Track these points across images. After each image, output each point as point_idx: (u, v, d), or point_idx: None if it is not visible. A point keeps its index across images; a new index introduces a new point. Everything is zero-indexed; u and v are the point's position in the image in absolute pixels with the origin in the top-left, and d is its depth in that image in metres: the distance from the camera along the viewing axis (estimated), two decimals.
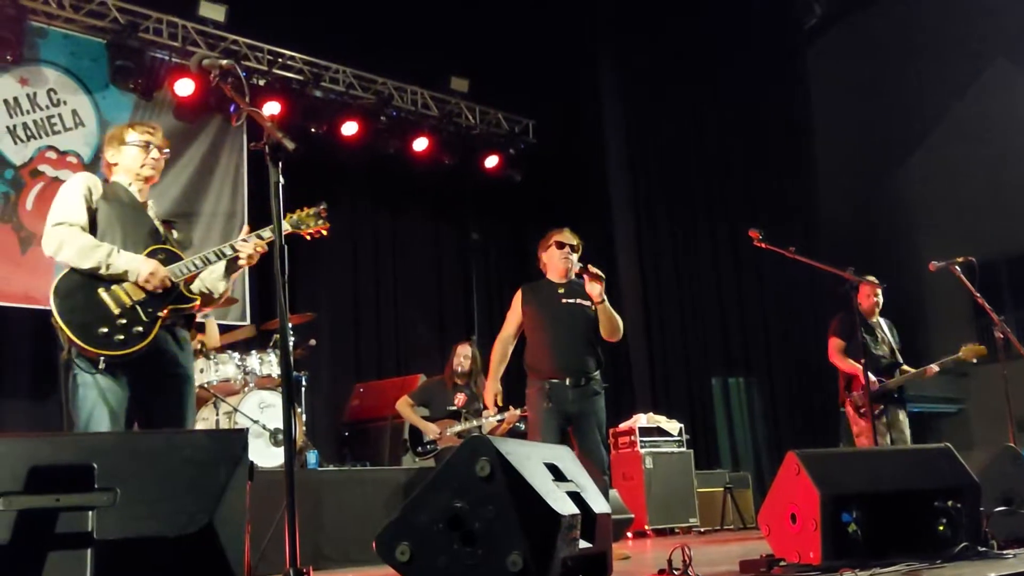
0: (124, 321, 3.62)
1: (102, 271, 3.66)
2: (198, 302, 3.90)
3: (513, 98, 10.76)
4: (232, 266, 4.00)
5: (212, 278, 4.01)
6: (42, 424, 7.35)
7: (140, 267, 3.70)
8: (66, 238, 3.69)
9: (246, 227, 4.02)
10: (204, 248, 4.01)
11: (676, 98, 11.55)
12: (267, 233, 3.85)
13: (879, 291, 7.10)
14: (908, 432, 6.87)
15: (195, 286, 3.95)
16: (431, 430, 7.36)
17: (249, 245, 3.89)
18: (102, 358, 3.56)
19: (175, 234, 4.06)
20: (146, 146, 3.95)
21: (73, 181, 3.90)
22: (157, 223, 3.97)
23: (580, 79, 11.27)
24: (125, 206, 3.87)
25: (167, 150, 4.08)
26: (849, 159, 16.79)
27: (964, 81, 17.61)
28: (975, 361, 6.89)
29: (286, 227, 3.96)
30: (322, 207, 4.08)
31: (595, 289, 5.38)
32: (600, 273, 5.39)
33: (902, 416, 6.91)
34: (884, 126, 17.67)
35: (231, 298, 8.20)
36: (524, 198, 10.68)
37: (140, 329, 3.64)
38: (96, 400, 3.55)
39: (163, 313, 3.70)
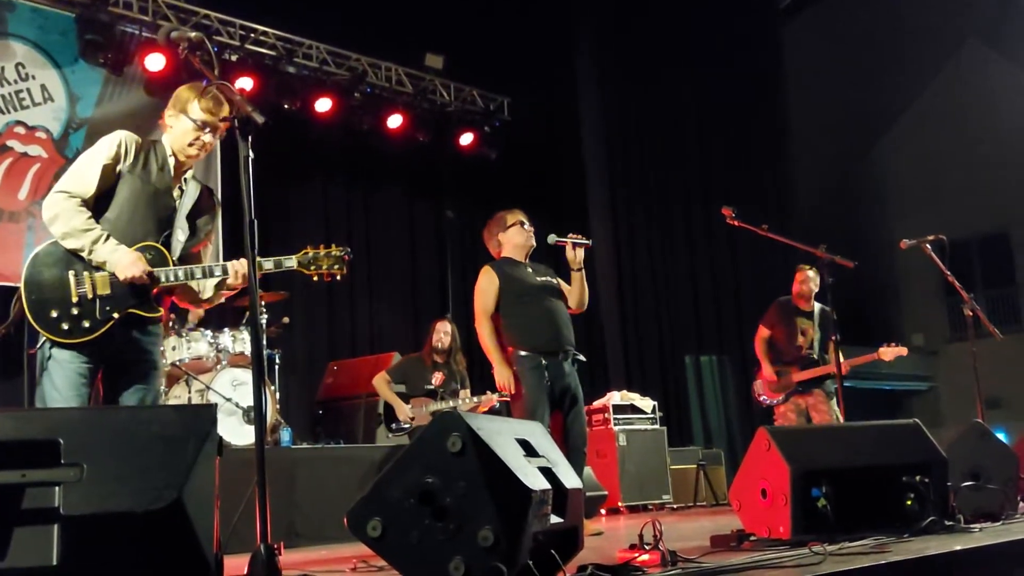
0: (76, 312, 3.56)
1: (84, 255, 3.60)
2: (161, 314, 3.81)
3: (488, 76, 10.71)
4: (224, 284, 3.89)
5: (208, 282, 3.90)
6: (10, 401, 7.27)
7: (120, 260, 3.60)
8: (61, 212, 3.60)
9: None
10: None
11: (651, 76, 11.55)
12: (268, 264, 3.75)
13: (811, 276, 7.28)
14: (833, 416, 6.99)
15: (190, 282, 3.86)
16: (403, 412, 7.33)
17: (242, 265, 3.75)
18: (44, 339, 3.54)
19: (202, 212, 3.93)
20: (202, 127, 3.79)
21: (108, 140, 3.74)
22: (177, 204, 3.84)
23: (556, 57, 11.24)
24: (147, 185, 3.75)
25: (220, 135, 3.90)
26: (824, 139, 16.87)
27: (939, 62, 17.73)
28: (891, 360, 7.11)
29: (293, 263, 3.83)
30: (346, 252, 3.90)
31: (579, 255, 5.45)
32: (587, 240, 5.45)
33: (823, 401, 7.07)
34: (858, 106, 17.77)
35: None
36: (499, 176, 10.65)
37: (87, 324, 3.57)
38: (38, 369, 3.56)
39: (117, 315, 3.62)
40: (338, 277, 3.91)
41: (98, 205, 3.68)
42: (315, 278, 3.90)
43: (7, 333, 3.69)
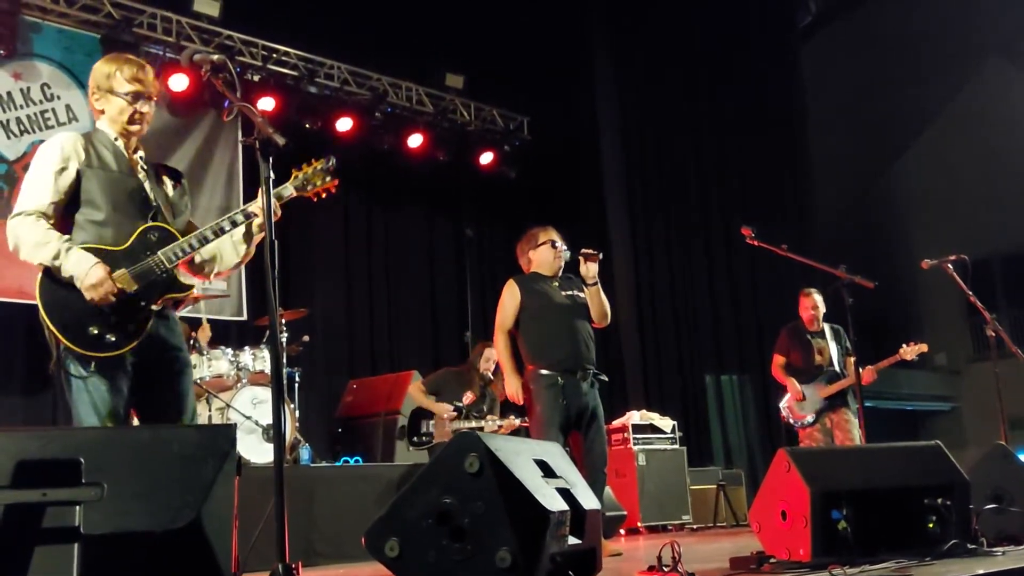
0: (116, 319, 3.37)
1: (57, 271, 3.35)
2: (192, 292, 3.65)
3: (508, 95, 10.76)
4: (251, 230, 3.67)
5: (234, 239, 3.68)
6: (36, 419, 7.33)
7: (85, 274, 3.31)
8: (20, 234, 3.35)
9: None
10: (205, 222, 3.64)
11: (671, 95, 11.56)
12: (289, 190, 3.61)
13: (816, 300, 7.40)
14: (856, 434, 6.96)
15: (205, 250, 3.64)
16: (444, 409, 7.33)
17: (257, 204, 3.54)
18: (94, 361, 3.33)
19: (169, 189, 3.71)
20: (135, 99, 3.58)
21: (50, 148, 3.48)
22: (147, 184, 3.62)
23: (575, 76, 11.27)
24: (110, 172, 3.54)
25: (155, 99, 3.68)
26: (844, 156, 16.82)
27: (959, 78, 17.66)
28: (916, 359, 7.08)
29: (291, 190, 3.65)
30: (331, 162, 3.72)
31: (592, 269, 5.39)
32: (596, 252, 5.40)
33: (848, 419, 7.03)
34: (879, 123, 17.70)
35: (224, 293, 8.19)
36: (518, 195, 10.68)
37: (132, 327, 3.40)
38: (89, 404, 3.33)
39: (156, 306, 3.46)
40: (332, 190, 3.77)
41: (74, 211, 3.46)
42: (314, 199, 3.76)
43: (56, 368, 3.49)
